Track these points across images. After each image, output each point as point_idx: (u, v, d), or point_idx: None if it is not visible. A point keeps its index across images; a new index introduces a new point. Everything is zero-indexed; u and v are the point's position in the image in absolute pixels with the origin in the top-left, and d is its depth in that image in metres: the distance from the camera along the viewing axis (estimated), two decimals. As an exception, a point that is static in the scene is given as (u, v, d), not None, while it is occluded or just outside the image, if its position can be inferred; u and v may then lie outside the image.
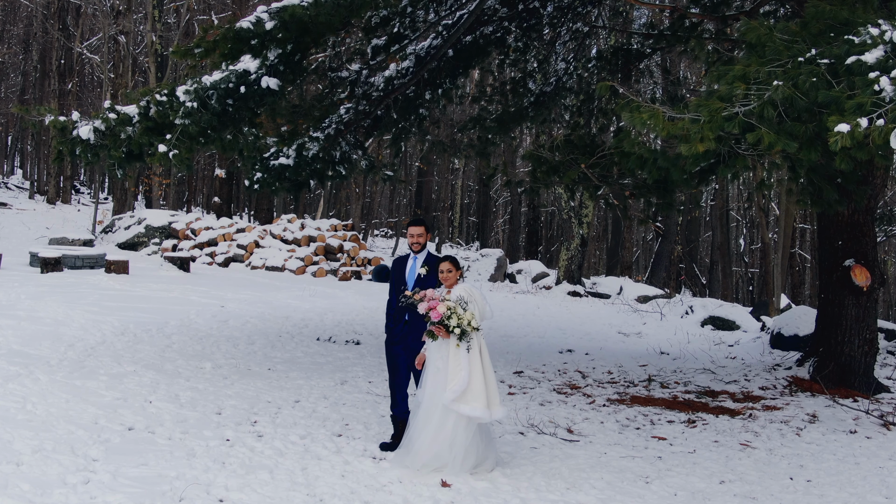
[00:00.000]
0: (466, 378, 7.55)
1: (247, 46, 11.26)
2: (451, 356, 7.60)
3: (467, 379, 7.56)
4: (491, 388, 7.65)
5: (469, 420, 7.55)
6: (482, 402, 7.53)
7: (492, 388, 7.66)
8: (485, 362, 7.70)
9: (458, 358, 7.58)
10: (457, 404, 7.52)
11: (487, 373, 7.68)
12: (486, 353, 7.80)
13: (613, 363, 14.70)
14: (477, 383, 7.55)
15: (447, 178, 49.89)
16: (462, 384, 7.54)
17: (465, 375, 7.54)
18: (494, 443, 8.07)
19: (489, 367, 7.76)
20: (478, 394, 7.56)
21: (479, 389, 7.56)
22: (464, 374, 7.54)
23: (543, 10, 15.31)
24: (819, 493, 7.87)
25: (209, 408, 9.45)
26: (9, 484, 6.41)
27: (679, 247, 41.05)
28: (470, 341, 7.64)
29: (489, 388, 7.62)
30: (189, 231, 27.49)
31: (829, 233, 12.94)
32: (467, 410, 7.51)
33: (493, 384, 7.70)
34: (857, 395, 12.00)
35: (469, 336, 7.63)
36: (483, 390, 7.55)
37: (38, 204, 43.66)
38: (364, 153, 14.01)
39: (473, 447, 7.61)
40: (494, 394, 7.66)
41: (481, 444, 7.70)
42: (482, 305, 7.83)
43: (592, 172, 11.53)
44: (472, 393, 7.56)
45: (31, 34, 53.45)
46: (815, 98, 7.14)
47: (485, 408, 7.53)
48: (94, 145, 11.41)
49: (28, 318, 13.64)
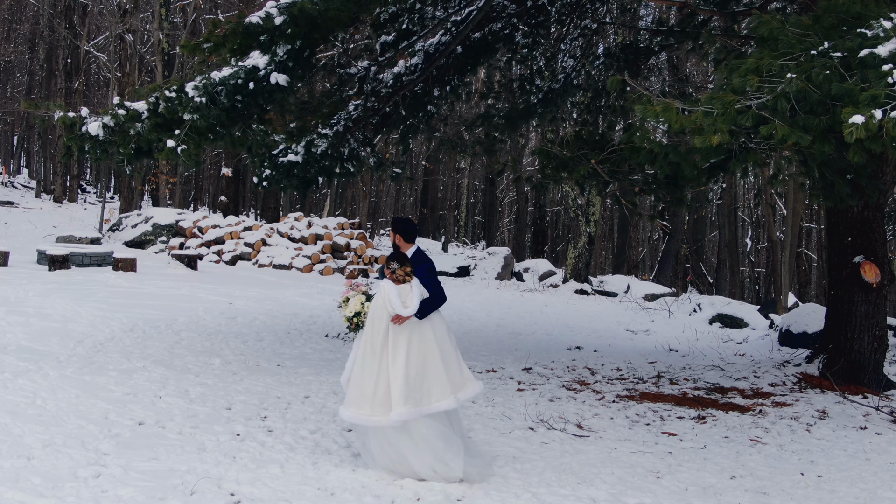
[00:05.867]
0: (344, 377, 7.49)
1: (256, 42, 11.24)
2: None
3: (345, 377, 7.48)
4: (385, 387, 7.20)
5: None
6: (357, 406, 7.23)
7: (388, 388, 7.19)
8: (385, 359, 7.24)
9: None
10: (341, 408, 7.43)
11: (389, 369, 7.23)
12: (396, 349, 7.26)
13: (622, 360, 14.66)
14: (359, 385, 7.28)
15: (453, 178, 49.88)
16: (343, 383, 7.50)
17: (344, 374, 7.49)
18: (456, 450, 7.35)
19: (392, 363, 7.25)
20: (354, 397, 7.29)
21: (357, 391, 7.28)
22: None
23: (551, 7, 15.28)
24: (830, 489, 7.85)
25: (219, 403, 9.45)
26: (20, 478, 6.41)
27: (686, 246, 41.00)
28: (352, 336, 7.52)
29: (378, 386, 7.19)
30: (196, 229, 27.48)
31: (839, 229, 12.89)
32: (341, 414, 7.41)
33: (390, 384, 7.19)
34: (866, 391, 11.97)
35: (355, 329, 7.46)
36: (364, 392, 7.21)
37: (45, 203, 43.66)
38: (372, 150, 14.00)
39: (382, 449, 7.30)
40: (390, 395, 7.16)
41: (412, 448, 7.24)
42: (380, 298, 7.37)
43: (602, 168, 11.49)
44: (349, 395, 7.38)
45: (37, 33, 53.49)
46: (828, 91, 7.12)
47: (357, 413, 7.22)
48: (102, 141, 11.43)
49: (37, 315, 13.65)
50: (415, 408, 7.11)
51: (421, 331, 7.31)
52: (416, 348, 7.25)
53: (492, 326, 18.29)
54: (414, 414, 7.10)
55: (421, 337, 7.30)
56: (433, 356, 7.30)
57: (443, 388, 7.25)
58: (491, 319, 19.41)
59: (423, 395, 7.19)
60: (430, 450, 7.17)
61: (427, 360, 7.28)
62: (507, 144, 23.25)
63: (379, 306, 7.31)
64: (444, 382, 7.28)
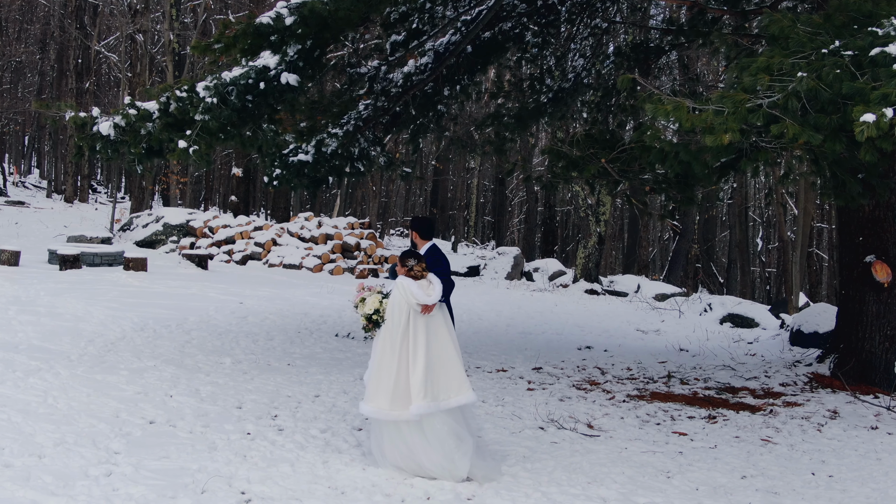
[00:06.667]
0: (367, 374, 7.56)
1: (266, 42, 11.26)
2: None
3: (368, 375, 7.55)
4: (403, 382, 7.32)
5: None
6: (377, 401, 7.34)
7: (406, 383, 7.31)
8: (404, 355, 7.37)
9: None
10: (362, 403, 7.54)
11: (410, 365, 7.36)
12: (416, 345, 7.37)
13: (632, 360, 14.65)
14: (378, 380, 7.40)
15: (463, 178, 49.96)
16: (366, 380, 7.57)
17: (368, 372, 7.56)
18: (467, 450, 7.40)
19: (413, 359, 7.35)
20: (373, 392, 7.39)
21: (376, 386, 7.38)
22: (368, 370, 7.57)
23: (561, 6, 15.27)
24: (841, 489, 7.83)
25: (230, 402, 9.47)
26: (31, 476, 6.43)
27: (696, 246, 40.93)
28: (372, 333, 7.62)
29: (399, 382, 7.30)
30: (207, 229, 27.54)
31: (850, 229, 12.86)
32: (361, 409, 7.54)
33: (410, 379, 7.31)
34: (877, 391, 11.94)
35: (372, 328, 7.58)
36: (383, 387, 7.33)
37: (56, 202, 43.84)
38: (382, 150, 14.00)
39: (391, 445, 7.40)
40: (410, 390, 7.28)
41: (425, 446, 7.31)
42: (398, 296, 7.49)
43: (612, 167, 11.48)
44: (368, 390, 7.47)
45: (48, 33, 53.71)
46: (839, 90, 7.11)
47: (377, 408, 7.32)
48: (113, 141, 11.45)
49: (48, 314, 13.69)
50: (433, 402, 7.22)
51: (437, 327, 7.43)
52: (434, 344, 7.37)
53: (502, 326, 18.29)
54: (433, 408, 7.21)
55: (437, 333, 7.42)
56: (449, 352, 7.43)
57: (460, 383, 7.38)
58: (501, 319, 19.41)
59: (440, 390, 7.30)
60: (441, 447, 7.22)
61: (444, 355, 7.40)
62: (517, 144, 23.28)
63: (396, 303, 7.40)
64: (462, 377, 7.42)
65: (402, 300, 7.37)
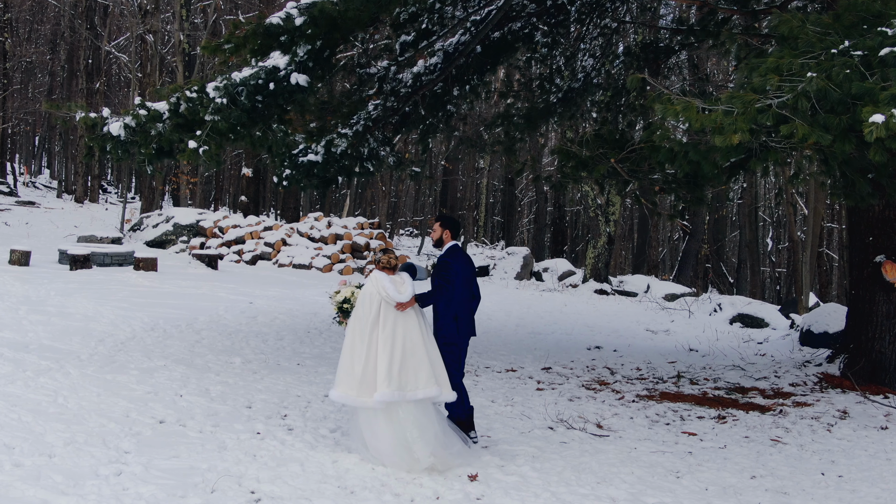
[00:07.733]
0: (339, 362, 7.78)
1: (276, 42, 11.29)
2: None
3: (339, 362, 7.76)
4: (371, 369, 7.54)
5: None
6: (344, 387, 7.59)
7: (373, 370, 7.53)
8: (374, 344, 7.57)
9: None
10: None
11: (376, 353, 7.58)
12: (384, 334, 7.56)
13: (642, 360, 14.64)
14: (348, 367, 7.63)
15: (472, 178, 49.91)
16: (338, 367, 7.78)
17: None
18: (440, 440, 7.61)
19: (381, 348, 7.54)
20: (342, 378, 7.64)
21: (345, 373, 7.62)
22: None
23: (571, 6, 15.27)
24: (851, 489, 7.82)
25: (239, 402, 9.49)
26: (42, 475, 6.46)
27: (706, 246, 40.85)
28: (343, 322, 7.93)
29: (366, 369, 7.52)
30: (217, 229, 27.60)
31: (860, 229, 12.83)
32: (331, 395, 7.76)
33: (374, 366, 7.54)
34: (888, 391, 11.90)
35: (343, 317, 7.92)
36: (352, 374, 7.56)
37: (66, 203, 43.94)
38: (392, 150, 14.02)
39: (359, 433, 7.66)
40: (374, 377, 7.49)
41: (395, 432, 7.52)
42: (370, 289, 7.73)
43: (622, 167, 11.47)
44: (338, 376, 7.71)
45: (58, 34, 53.84)
46: (848, 90, 7.10)
47: (344, 393, 7.58)
48: (124, 142, 11.48)
49: (58, 314, 13.74)
50: (398, 391, 7.42)
51: (408, 321, 7.65)
52: (401, 335, 7.58)
53: (511, 326, 18.29)
54: (397, 397, 7.41)
55: (407, 326, 7.63)
56: (418, 345, 7.63)
57: (428, 377, 7.56)
58: (510, 319, 19.41)
59: (407, 381, 7.49)
60: (403, 436, 7.43)
61: (413, 348, 7.60)
62: (527, 144, 23.24)
63: (368, 294, 7.68)
64: (430, 372, 7.59)
65: (374, 291, 7.63)
